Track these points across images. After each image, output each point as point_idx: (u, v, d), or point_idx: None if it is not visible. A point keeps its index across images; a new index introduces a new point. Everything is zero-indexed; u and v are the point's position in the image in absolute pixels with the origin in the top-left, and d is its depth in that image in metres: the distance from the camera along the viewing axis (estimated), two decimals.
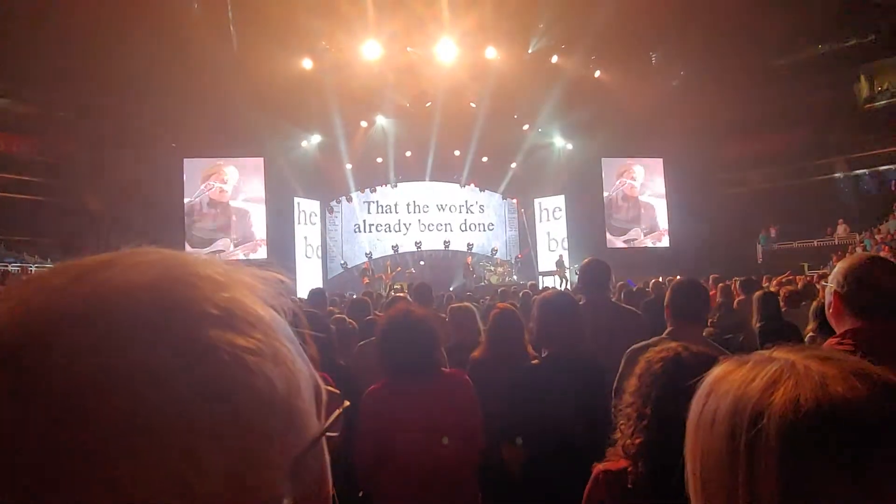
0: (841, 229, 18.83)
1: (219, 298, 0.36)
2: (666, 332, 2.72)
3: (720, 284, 7.73)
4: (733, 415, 0.64)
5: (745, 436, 0.62)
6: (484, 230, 23.08)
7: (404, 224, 22.30)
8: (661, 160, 20.94)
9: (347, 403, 0.43)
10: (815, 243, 18.91)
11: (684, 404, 0.70)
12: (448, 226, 22.64)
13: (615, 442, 1.64)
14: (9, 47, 14.49)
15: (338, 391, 0.43)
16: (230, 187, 18.44)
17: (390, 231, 22.17)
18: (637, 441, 1.55)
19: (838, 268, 1.93)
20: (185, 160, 17.92)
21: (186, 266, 0.37)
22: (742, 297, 6.37)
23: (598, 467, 1.64)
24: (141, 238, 0.40)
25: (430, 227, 22.46)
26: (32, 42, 14.37)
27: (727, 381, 0.67)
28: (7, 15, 13.75)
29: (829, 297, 1.95)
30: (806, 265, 16.22)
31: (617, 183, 20.82)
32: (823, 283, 2.73)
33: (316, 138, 19.46)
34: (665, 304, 2.83)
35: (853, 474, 0.58)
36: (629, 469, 1.55)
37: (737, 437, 0.63)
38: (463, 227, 22.74)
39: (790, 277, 10.53)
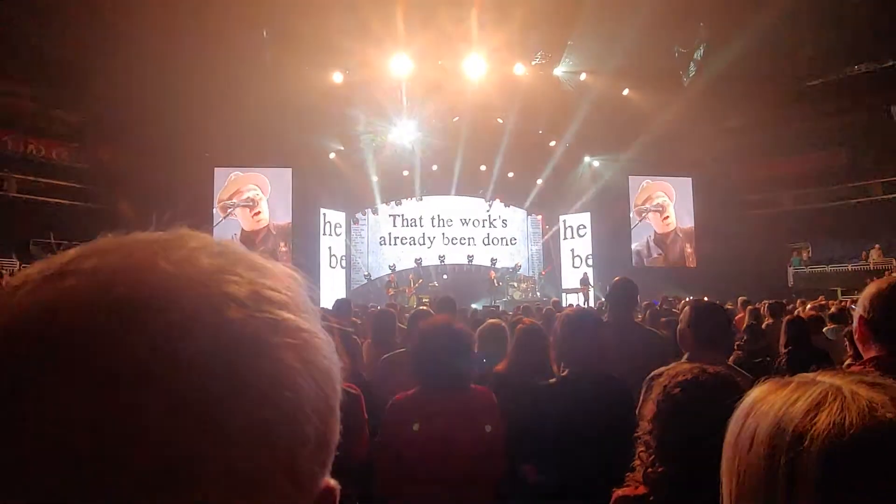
0: (875, 253, 18.30)
1: (282, 286, 0.39)
2: (684, 357, 2.62)
3: (748, 307, 7.57)
4: (774, 435, 0.62)
5: (785, 457, 0.60)
6: (507, 245, 23.02)
7: (429, 237, 22.36)
8: (689, 179, 20.69)
9: None
10: (849, 267, 18.41)
11: (708, 429, 0.69)
12: (472, 240, 22.64)
13: (634, 468, 1.60)
14: (59, 60, 15.09)
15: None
16: (264, 206, 18.49)
17: (414, 244, 22.24)
18: (660, 470, 1.50)
19: (865, 293, 1.88)
20: (216, 169, 18.33)
21: (243, 251, 0.40)
22: (771, 320, 6.23)
23: (618, 493, 1.60)
24: None
25: (455, 241, 22.49)
26: (80, 55, 14.92)
27: (768, 401, 0.66)
28: (57, 33, 14.34)
29: (855, 323, 1.90)
30: (839, 289, 15.80)
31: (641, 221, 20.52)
32: (853, 307, 2.66)
33: (343, 150, 19.70)
34: (683, 327, 2.72)
35: None
36: (651, 498, 1.51)
37: (777, 458, 0.61)
38: (486, 242, 22.71)
39: (822, 302, 10.28)
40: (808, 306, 8.63)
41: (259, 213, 18.46)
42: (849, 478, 0.58)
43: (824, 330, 5.67)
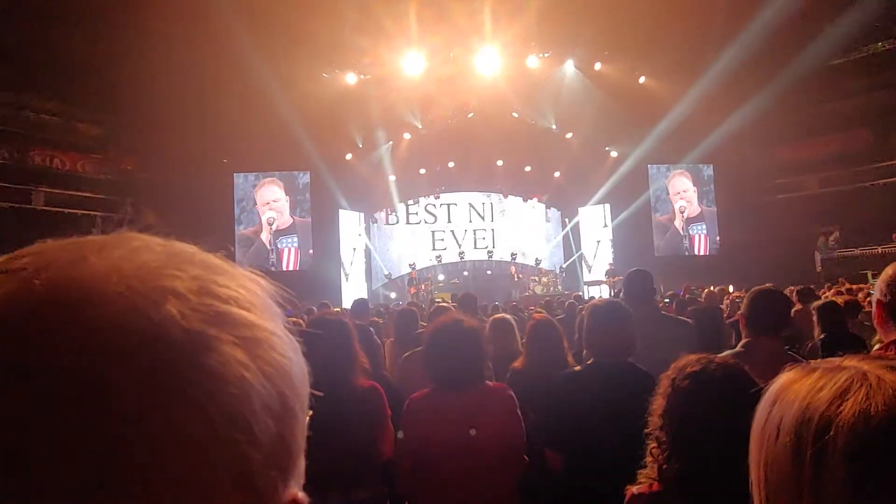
0: None
1: (235, 284, 0.37)
2: (741, 343, 2.59)
3: None
4: (799, 425, 0.61)
5: (811, 448, 0.60)
6: (528, 240, 22.91)
7: (448, 234, 22.37)
8: (711, 166, 20.37)
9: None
10: (879, 250, 17.93)
11: (719, 420, 0.67)
12: (492, 235, 22.59)
13: (646, 464, 1.56)
14: (80, 73, 15.45)
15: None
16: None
17: (434, 241, 22.26)
18: (676, 466, 1.46)
19: (882, 275, 1.84)
20: (235, 175, 18.59)
21: (196, 252, 0.38)
22: (799, 307, 6.10)
23: (632, 490, 1.56)
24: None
25: (474, 238, 22.46)
26: (99, 68, 15.25)
27: (793, 389, 0.65)
28: (78, 46, 14.69)
29: (874, 307, 1.86)
30: (869, 273, 15.40)
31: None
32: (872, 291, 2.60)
33: (360, 151, 19.78)
34: (740, 313, 2.71)
35: None
36: (666, 498, 1.48)
37: (803, 448, 0.60)
38: (507, 237, 22.64)
39: (848, 286, 10.05)
40: (832, 291, 8.44)
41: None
42: (876, 466, 0.57)
43: (862, 313, 5.53)
